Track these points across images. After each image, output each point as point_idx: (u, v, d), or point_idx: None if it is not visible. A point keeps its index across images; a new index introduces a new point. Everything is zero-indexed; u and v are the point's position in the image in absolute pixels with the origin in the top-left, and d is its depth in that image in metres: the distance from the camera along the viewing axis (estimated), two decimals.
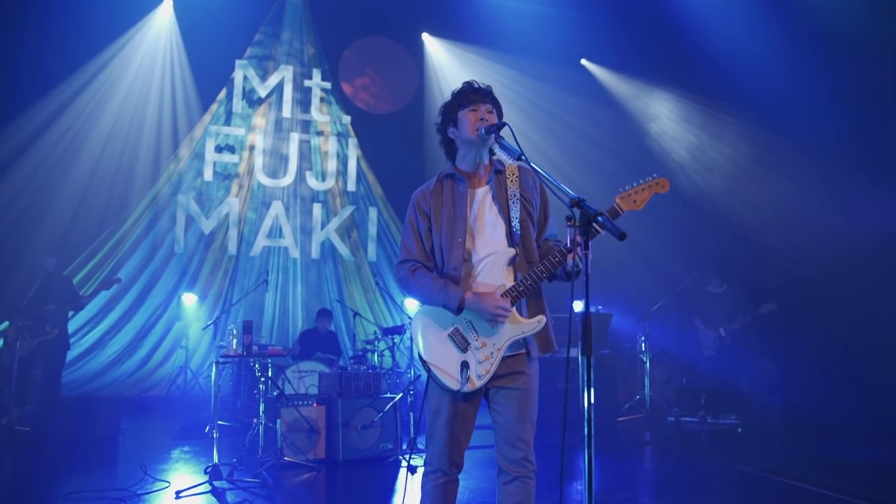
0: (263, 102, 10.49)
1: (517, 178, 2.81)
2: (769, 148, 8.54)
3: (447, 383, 2.62)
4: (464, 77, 10.63)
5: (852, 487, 4.75)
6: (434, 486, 2.73)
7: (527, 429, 2.65)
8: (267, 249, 10.29)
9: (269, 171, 10.43)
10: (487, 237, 2.72)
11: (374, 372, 6.29)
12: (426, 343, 2.70)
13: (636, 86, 10.97)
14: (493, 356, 2.61)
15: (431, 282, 2.68)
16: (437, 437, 2.70)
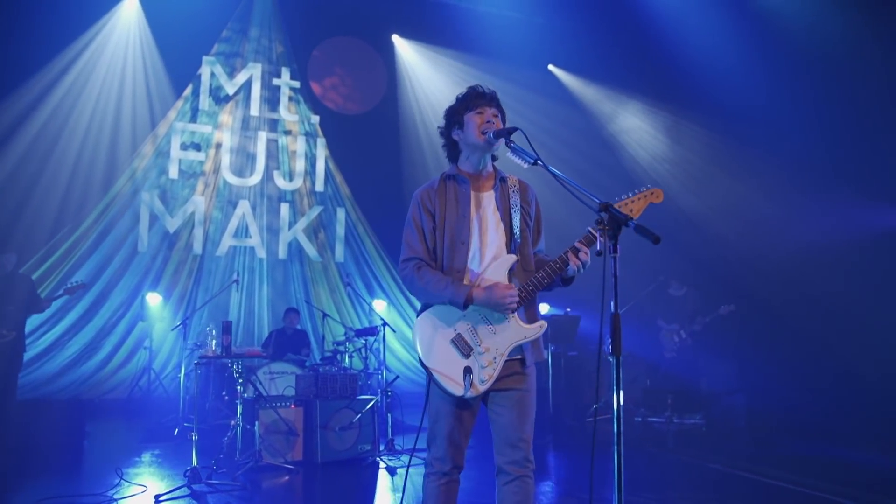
0: (231, 100, 10.34)
1: (518, 189, 2.87)
2: (730, 153, 8.84)
3: (451, 389, 2.64)
4: (434, 79, 10.77)
5: (815, 482, 4.99)
6: (437, 487, 2.78)
7: (527, 430, 2.71)
8: (233, 249, 10.14)
9: (235, 169, 10.29)
10: (489, 241, 2.77)
11: (351, 373, 6.29)
12: (428, 348, 2.71)
13: (602, 91, 11.21)
14: (495, 361, 2.65)
15: (437, 278, 2.70)
16: (439, 440, 2.74)
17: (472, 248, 2.77)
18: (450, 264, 2.76)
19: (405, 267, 2.82)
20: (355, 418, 5.80)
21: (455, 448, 2.74)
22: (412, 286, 2.80)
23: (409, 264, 2.81)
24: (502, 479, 2.72)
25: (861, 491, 4.81)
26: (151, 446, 6.56)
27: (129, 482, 4.96)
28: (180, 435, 6.99)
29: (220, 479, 5.03)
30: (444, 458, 2.74)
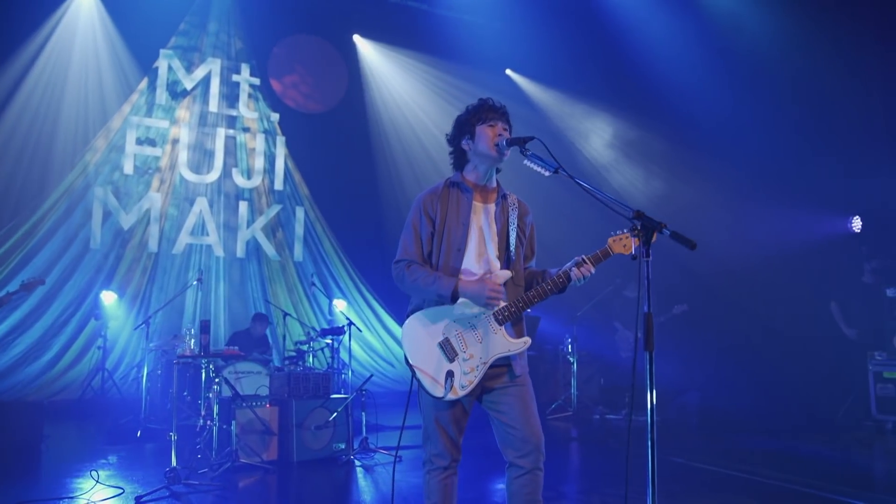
0: (188, 95, 10.14)
1: (517, 208, 2.98)
2: (683, 159, 9.25)
3: (431, 389, 2.74)
4: (395, 80, 10.87)
5: (770, 472, 5.35)
6: (439, 482, 2.88)
7: (535, 422, 2.82)
8: (190, 247, 9.95)
9: (193, 166, 10.10)
10: (485, 251, 2.87)
11: (324, 372, 6.32)
12: (415, 348, 2.79)
13: (558, 96, 11.52)
14: (477, 369, 2.74)
15: (426, 273, 2.79)
16: (434, 437, 2.84)
17: (467, 256, 2.85)
18: (445, 270, 2.84)
19: (397, 266, 2.89)
20: (331, 417, 5.84)
21: (451, 443, 2.84)
22: (402, 282, 2.86)
23: (400, 264, 2.88)
24: (514, 472, 2.81)
25: (810, 478, 5.19)
26: (114, 448, 6.41)
27: (104, 484, 4.86)
28: (145, 436, 6.85)
29: (198, 480, 5.00)
30: (442, 454, 2.85)
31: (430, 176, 11.56)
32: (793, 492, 4.90)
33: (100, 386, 8.57)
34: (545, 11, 10.74)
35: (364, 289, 11.15)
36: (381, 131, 11.37)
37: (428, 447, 2.89)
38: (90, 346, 9.04)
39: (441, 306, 2.80)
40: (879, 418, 7.17)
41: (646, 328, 2.17)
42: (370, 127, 11.25)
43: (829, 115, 7.71)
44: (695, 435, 7.38)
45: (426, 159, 11.40)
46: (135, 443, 6.70)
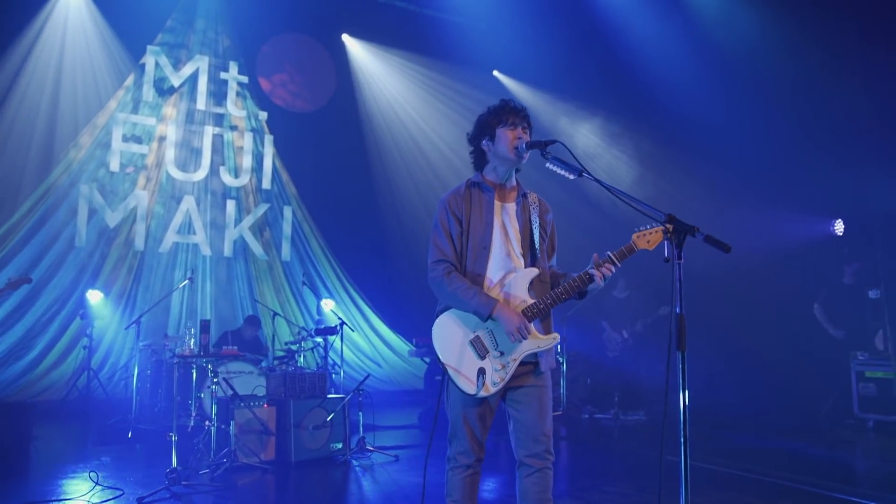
0: (175, 92, 10.04)
1: (538, 206, 3.03)
2: (672, 161, 9.40)
3: (463, 386, 2.77)
4: (384, 79, 10.90)
5: (762, 468, 5.49)
6: (462, 479, 2.92)
7: (548, 423, 2.86)
8: (176, 245, 9.85)
9: (180, 164, 9.99)
10: (510, 250, 2.91)
11: (320, 372, 6.32)
12: (446, 346, 2.82)
13: (545, 97, 11.62)
14: (508, 366, 2.78)
15: (466, 287, 2.81)
16: (460, 434, 2.88)
17: (492, 254, 2.89)
18: (472, 268, 2.88)
19: (435, 269, 2.90)
20: (329, 417, 5.84)
21: (477, 442, 2.87)
22: (440, 289, 2.88)
23: (439, 267, 2.90)
24: (524, 471, 2.85)
25: (797, 474, 5.33)
26: (106, 449, 6.33)
27: (103, 485, 4.81)
28: (135, 437, 6.78)
29: (199, 480, 4.97)
30: (467, 452, 2.88)
31: (420, 175, 11.61)
32: (781, 487, 5.03)
33: (85, 386, 8.45)
34: (532, 13, 10.82)
35: (351, 289, 11.14)
36: (370, 131, 11.37)
37: (453, 445, 2.92)
38: (74, 345, 8.91)
39: None
40: (861, 416, 7.37)
41: (678, 328, 2.23)
42: (359, 127, 11.24)
43: (814, 119, 7.88)
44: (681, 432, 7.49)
45: (417, 158, 11.44)
46: (126, 443, 6.64)
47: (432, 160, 11.61)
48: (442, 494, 2.98)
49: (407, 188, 11.55)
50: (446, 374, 2.83)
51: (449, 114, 11.37)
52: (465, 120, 11.53)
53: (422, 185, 11.55)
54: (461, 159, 11.67)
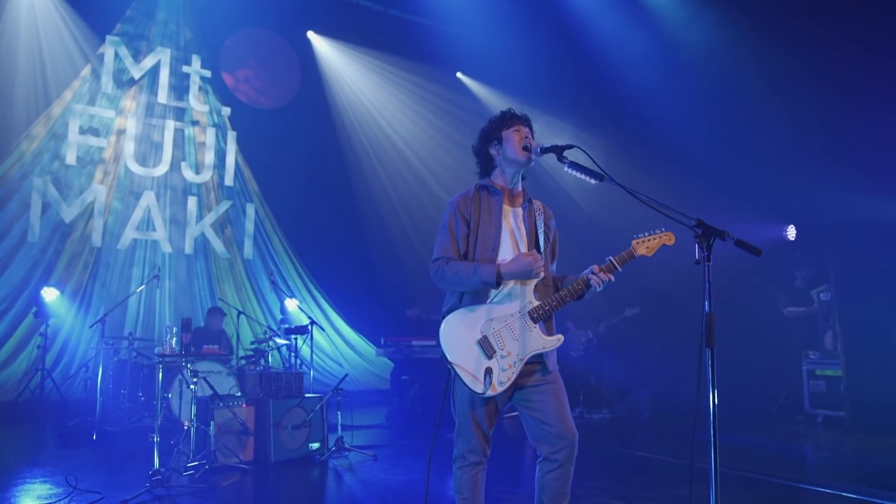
0: (135, 84, 9.75)
1: (542, 212, 3.11)
2: (632, 163, 9.67)
3: (471, 385, 2.82)
4: (350, 76, 10.87)
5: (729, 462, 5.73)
6: (470, 477, 2.97)
7: (568, 417, 2.94)
8: (135, 242, 9.57)
9: (139, 158, 9.71)
10: (517, 252, 2.97)
11: (297, 372, 6.29)
12: (454, 346, 2.86)
13: (509, 100, 11.80)
14: (515, 365, 2.84)
15: (465, 265, 2.88)
16: (468, 433, 2.93)
17: (500, 257, 2.95)
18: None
19: (435, 264, 2.96)
20: (308, 416, 5.82)
21: (484, 439, 2.94)
22: (442, 277, 2.93)
23: (439, 261, 2.95)
24: (547, 466, 2.92)
25: (752, 465, 5.64)
26: (72, 453, 6.12)
27: (80, 489, 4.66)
28: (101, 439, 6.58)
29: (180, 482, 4.88)
30: (475, 450, 2.94)
31: (387, 174, 11.62)
32: (741, 478, 5.30)
33: (38, 386, 8.13)
34: (497, 17, 10.97)
35: (313, 288, 11.05)
36: (336, 129, 11.31)
37: (460, 443, 2.97)
38: (26, 344, 8.56)
39: (478, 305, 2.89)
40: (811, 412, 7.79)
41: (707, 326, 2.35)
42: (324, 124, 11.17)
43: (768, 126, 8.26)
44: (645, 429, 7.78)
45: (384, 157, 11.44)
46: (92, 446, 6.43)
47: (399, 159, 11.65)
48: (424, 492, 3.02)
49: (373, 187, 11.54)
50: (453, 374, 2.87)
51: (416, 112, 11.43)
52: (432, 118, 11.63)
53: (389, 183, 11.57)
54: (427, 158, 11.77)
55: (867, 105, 7.24)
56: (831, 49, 7.40)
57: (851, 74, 7.34)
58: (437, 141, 11.64)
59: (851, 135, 7.48)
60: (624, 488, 4.82)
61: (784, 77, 7.96)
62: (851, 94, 7.41)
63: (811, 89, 7.91)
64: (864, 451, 6.47)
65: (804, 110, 8.03)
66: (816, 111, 7.92)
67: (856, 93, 7.34)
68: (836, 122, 7.81)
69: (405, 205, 11.71)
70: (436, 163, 11.53)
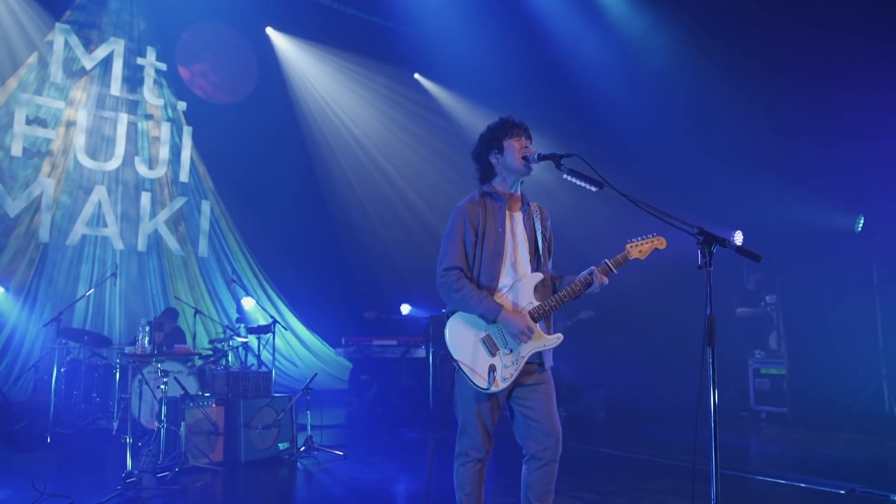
0: (86, 75, 9.42)
1: (539, 214, 3.23)
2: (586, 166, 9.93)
3: (475, 382, 2.91)
4: (309, 73, 10.82)
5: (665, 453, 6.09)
6: (473, 473, 3.07)
7: (555, 416, 3.05)
8: (85, 238, 9.24)
9: (90, 151, 9.38)
10: (519, 256, 3.10)
11: (264, 371, 6.25)
12: (459, 345, 2.96)
13: (466, 104, 11.94)
14: (517, 363, 2.96)
15: (474, 292, 2.97)
16: (472, 430, 3.02)
17: (505, 261, 3.07)
18: (486, 274, 3.04)
19: (446, 275, 3.04)
20: (279, 416, 5.79)
21: (487, 436, 3.03)
22: (448, 294, 3.02)
23: (450, 273, 3.04)
24: (534, 464, 3.02)
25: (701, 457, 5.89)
26: (27, 457, 5.90)
27: (48, 494, 4.52)
28: (56, 441, 6.35)
29: (153, 484, 4.79)
30: (479, 447, 3.03)
31: (346, 172, 11.56)
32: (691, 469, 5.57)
33: None
34: (455, 20, 11.09)
35: (268, 286, 10.92)
36: (294, 126, 11.20)
37: (464, 440, 3.05)
38: None
39: None
40: (756, 408, 8.22)
41: (708, 327, 2.51)
42: (281, 121, 11.04)
43: (717, 133, 8.64)
44: (600, 427, 8.03)
45: (343, 155, 11.39)
46: (47, 449, 6.20)
47: (359, 157, 11.63)
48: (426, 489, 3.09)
49: (332, 185, 11.48)
50: (457, 372, 2.97)
51: (376, 108, 11.45)
52: (392, 114, 11.65)
53: (348, 181, 11.53)
54: (389, 155, 11.78)
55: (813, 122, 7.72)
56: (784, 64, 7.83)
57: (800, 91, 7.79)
58: (399, 137, 11.70)
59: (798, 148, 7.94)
60: (595, 483, 4.99)
61: (736, 91, 8.36)
62: (799, 112, 7.88)
63: (762, 104, 8.34)
64: (807, 444, 6.87)
65: (751, 119, 8.46)
66: (763, 120, 8.36)
67: (803, 110, 7.81)
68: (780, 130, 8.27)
69: (367, 203, 11.71)
70: (398, 160, 11.57)
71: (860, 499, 4.68)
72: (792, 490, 4.91)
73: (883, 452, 6.48)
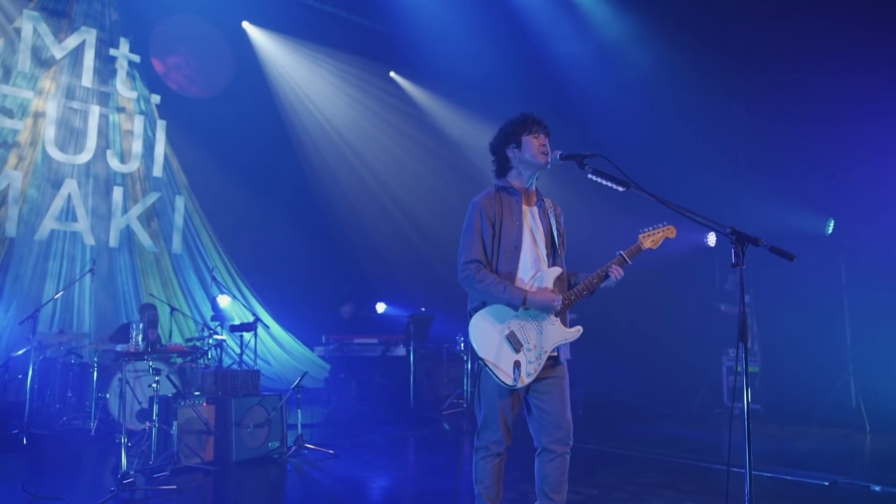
0: (56, 64, 9.11)
1: (553, 210, 3.30)
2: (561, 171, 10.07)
3: (502, 379, 2.96)
4: (286, 68, 10.71)
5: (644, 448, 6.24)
6: (493, 466, 3.11)
7: (568, 409, 3.14)
8: (54, 233, 8.93)
9: (60, 144, 9.08)
10: (538, 251, 3.16)
11: (252, 370, 6.17)
12: (484, 342, 3.00)
13: (442, 102, 11.97)
14: (540, 357, 3.02)
15: (496, 281, 3.02)
16: (494, 425, 3.07)
17: (522, 254, 3.12)
18: (504, 268, 3.08)
19: (467, 268, 3.08)
20: (270, 415, 5.72)
21: (508, 431, 3.09)
22: (472, 284, 3.06)
23: (470, 266, 3.07)
24: (546, 457, 3.10)
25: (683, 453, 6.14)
26: (0, 458, 5.70)
27: (41, 496, 4.38)
28: (32, 442, 6.14)
29: (147, 485, 4.69)
30: (500, 441, 3.08)
31: (323, 171, 11.46)
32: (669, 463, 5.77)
33: None
34: (431, 20, 11.10)
35: (242, 284, 10.75)
36: (270, 121, 11.03)
37: (486, 434, 3.09)
38: None
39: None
40: (729, 405, 8.46)
41: (741, 323, 2.59)
42: (258, 116, 10.86)
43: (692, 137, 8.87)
44: (578, 423, 8.14)
45: (319, 152, 11.27)
46: (24, 450, 6.00)
47: (336, 152, 11.54)
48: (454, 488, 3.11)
49: (309, 182, 11.36)
50: (481, 369, 3.00)
51: (353, 105, 11.38)
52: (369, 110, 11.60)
53: (325, 178, 11.43)
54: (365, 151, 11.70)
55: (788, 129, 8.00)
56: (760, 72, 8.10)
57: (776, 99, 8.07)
58: (379, 130, 11.66)
59: (772, 154, 8.21)
60: (590, 478, 5.07)
61: (712, 96, 8.59)
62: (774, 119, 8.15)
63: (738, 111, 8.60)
64: (780, 438, 7.11)
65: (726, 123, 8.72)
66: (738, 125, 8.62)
67: (778, 118, 8.09)
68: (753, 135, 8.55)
69: (347, 199, 11.62)
70: (378, 154, 11.53)
71: (843, 490, 4.88)
72: (779, 483, 5.09)
73: (852, 445, 6.77)
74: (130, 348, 4.88)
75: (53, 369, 7.02)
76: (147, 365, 6.84)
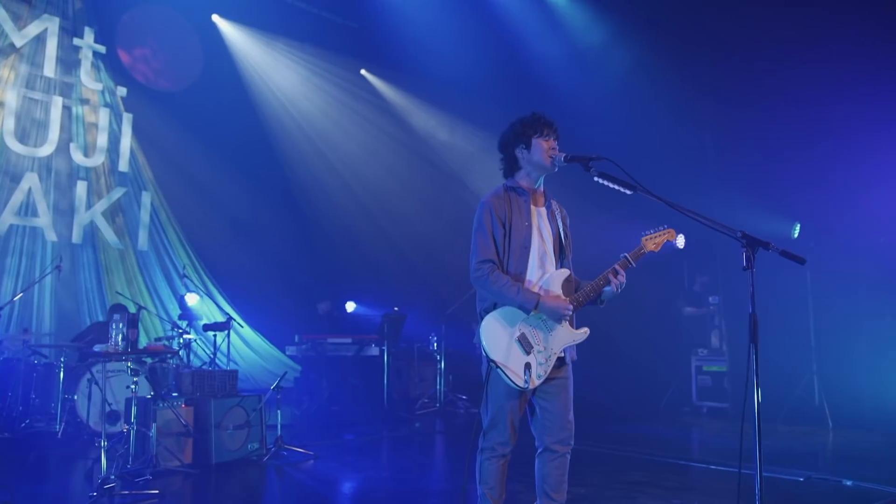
0: (16, 52, 8.76)
1: (560, 212, 3.32)
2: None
3: (513, 380, 2.96)
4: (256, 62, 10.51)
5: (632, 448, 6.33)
6: (498, 467, 3.13)
7: (571, 412, 3.17)
8: (13, 228, 8.59)
9: (20, 135, 8.74)
10: (546, 250, 3.18)
11: (230, 370, 6.05)
12: (495, 344, 3.00)
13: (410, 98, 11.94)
14: (549, 359, 3.04)
15: (510, 283, 3.02)
16: (502, 426, 3.08)
17: (531, 255, 3.14)
18: (514, 267, 3.09)
19: (481, 268, 3.07)
20: (250, 416, 5.62)
21: (514, 432, 3.10)
22: (485, 285, 3.06)
23: (484, 266, 3.07)
24: (548, 456, 3.12)
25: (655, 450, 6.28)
26: None
27: None
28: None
29: (126, 489, 4.55)
30: (507, 442, 3.09)
31: (294, 167, 11.29)
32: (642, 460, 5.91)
33: None
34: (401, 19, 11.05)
35: (210, 282, 10.52)
36: (239, 115, 10.81)
37: (493, 435, 3.09)
38: None
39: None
40: (698, 404, 8.66)
41: (752, 325, 2.65)
42: (227, 111, 10.61)
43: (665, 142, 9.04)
44: None
45: (289, 148, 11.10)
46: None
47: (309, 148, 11.39)
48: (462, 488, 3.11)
49: (279, 178, 11.18)
50: (491, 371, 3.00)
51: (327, 96, 11.25)
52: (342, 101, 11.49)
53: (296, 174, 11.27)
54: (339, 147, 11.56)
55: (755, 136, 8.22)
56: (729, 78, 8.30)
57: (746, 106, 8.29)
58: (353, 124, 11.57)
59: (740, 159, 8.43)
60: (579, 478, 5.09)
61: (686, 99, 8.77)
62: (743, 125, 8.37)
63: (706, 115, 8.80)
64: (748, 436, 7.29)
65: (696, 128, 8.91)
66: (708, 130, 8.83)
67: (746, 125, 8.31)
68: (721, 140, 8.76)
69: (317, 195, 11.46)
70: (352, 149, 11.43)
71: (817, 485, 5.04)
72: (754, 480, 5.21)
73: (815, 441, 6.99)
74: (110, 349, 4.72)
75: (16, 370, 6.75)
76: (119, 365, 6.70)
